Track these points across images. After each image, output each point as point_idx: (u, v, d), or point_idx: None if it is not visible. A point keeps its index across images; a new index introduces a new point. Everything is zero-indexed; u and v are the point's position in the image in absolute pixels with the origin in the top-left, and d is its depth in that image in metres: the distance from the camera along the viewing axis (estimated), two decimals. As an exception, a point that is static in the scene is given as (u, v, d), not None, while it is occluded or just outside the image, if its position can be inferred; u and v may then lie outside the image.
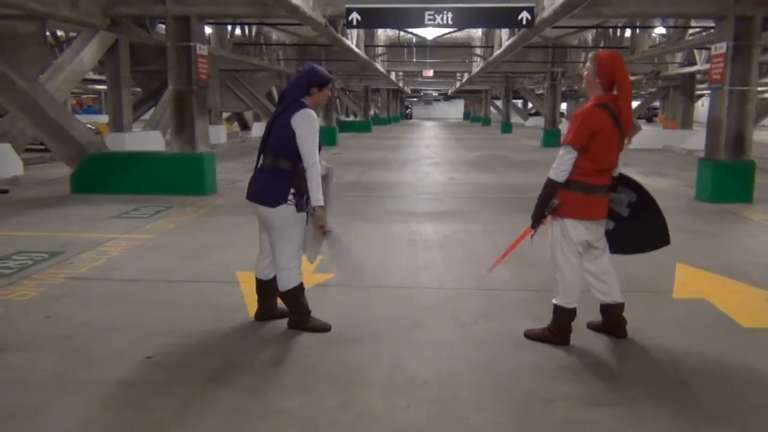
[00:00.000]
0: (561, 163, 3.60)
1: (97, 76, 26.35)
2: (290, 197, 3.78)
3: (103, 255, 6.00)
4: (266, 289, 4.18)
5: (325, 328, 4.05)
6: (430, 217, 8.26)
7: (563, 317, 3.82)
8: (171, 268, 5.60)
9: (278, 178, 3.80)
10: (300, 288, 4.03)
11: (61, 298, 4.69)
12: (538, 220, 3.74)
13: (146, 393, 3.19)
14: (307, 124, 3.73)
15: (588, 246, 3.76)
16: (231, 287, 4.98)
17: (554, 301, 3.85)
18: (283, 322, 4.14)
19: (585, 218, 3.67)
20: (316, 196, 3.74)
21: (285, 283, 3.97)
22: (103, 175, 10.09)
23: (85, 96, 48.13)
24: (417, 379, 3.37)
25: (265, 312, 4.23)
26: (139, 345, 3.78)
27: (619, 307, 3.90)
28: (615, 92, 3.62)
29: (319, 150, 3.81)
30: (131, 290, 4.94)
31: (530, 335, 3.94)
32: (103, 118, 24.64)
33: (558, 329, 3.84)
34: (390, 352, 3.74)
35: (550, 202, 3.68)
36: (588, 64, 3.69)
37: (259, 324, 4.18)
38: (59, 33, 18.03)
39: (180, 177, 9.97)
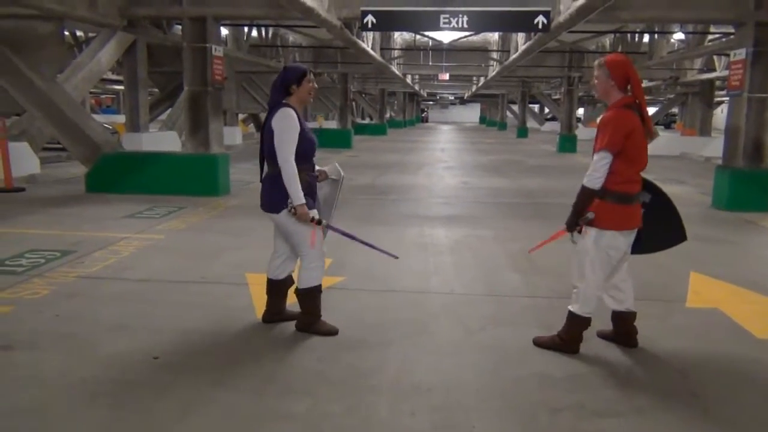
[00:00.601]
0: (596, 170, 3.51)
1: (115, 77, 26.57)
2: (289, 201, 3.78)
3: (114, 254, 6.03)
4: (276, 289, 4.18)
5: (332, 332, 4.03)
6: (442, 222, 8.23)
7: (578, 326, 3.77)
8: (181, 268, 5.61)
9: (275, 183, 3.81)
10: (317, 289, 4.04)
11: (72, 297, 4.71)
12: (572, 228, 3.67)
13: (151, 394, 3.19)
14: (279, 121, 3.75)
15: (623, 255, 3.70)
16: (240, 289, 4.98)
17: (571, 308, 3.78)
18: (291, 325, 4.13)
19: (624, 229, 3.61)
20: (294, 195, 3.74)
21: (304, 282, 3.99)
22: (117, 175, 10.16)
23: (104, 96, 48.57)
24: (423, 385, 3.34)
25: (273, 314, 4.21)
26: (147, 345, 3.79)
27: (631, 316, 3.86)
28: (629, 93, 3.59)
29: (314, 148, 3.91)
30: (141, 290, 4.95)
31: (539, 343, 3.89)
32: (122, 118, 24.83)
33: (570, 337, 3.79)
34: (398, 357, 3.72)
35: (584, 212, 3.58)
36: (596, 72, 3.65)
37: (267, 326, 4.17)
38: (79, 33, 18.23)
39: (193, 177, 10.01)
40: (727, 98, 10.14)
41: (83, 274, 5.34)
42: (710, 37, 16.02)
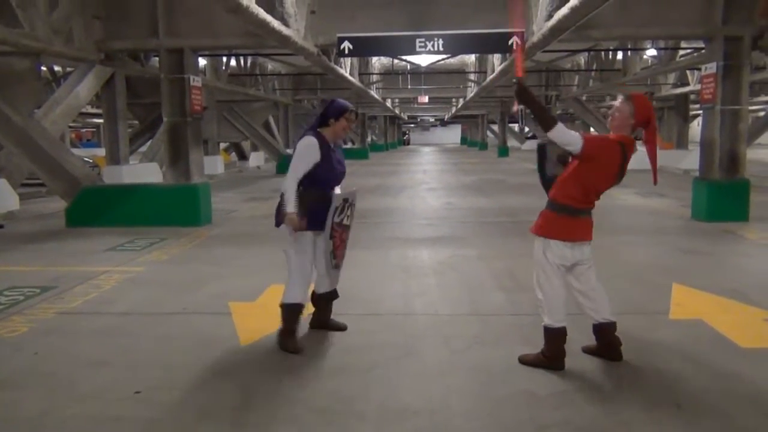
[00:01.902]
0: (567, 133, 3.54)
1: (94, 110, 26.51)
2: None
3: (95, 289, 5.96)
4: (314, 301, 4.52)
5: (294, 351, 4.14)
6: (425, 243, 8.23)
7: (554, 338, 3.77)
8: (163, 300, 5.56)
9: (281, 201, 4.12)
10: (292, 307, 4.21)
11: (51, 334, 4.64)
12: (517, 95, 3.66)
13: (133, 430, 3.13)
14: (299, 146, 4.10)
15: (572, 265, 3.78)
16: (223, 318, 4.93)
17: (543, 323, 3.82)
18: (275, 352, 4.10)
19: (569, 240, 3.71)
20: (287, 202, 4.02)
21: (283, 296, 4.24)
22: (97, 209, 10.08)
23: (84, 129, 48.39)
24: (409, 408, 3.31)
25: (320, 322, 4.57)
26: (128, 380, 3.73)
27: (611, 326, 3.88)
28: (644, 132, 3.71)
29: (337, 178, 4.24)
30: (122, 324, 4.89)
31: (525, 361, 3.89)
32: (102, 151, 24.72)
33: (552, 353, 3.79)
34: (382, 381, 3.69)
35: (528, 104, 3.61)
36: (620, 103, 3.66)
37: (250, 355, 4.13)
38: (56, 68, 18.20)
39: (175, 208, 9.96)
40: (702, 111, 10.31)
41: (63, 309, 5.26)
42: (682, 52, 16.33)
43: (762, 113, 23.57)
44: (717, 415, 3.20)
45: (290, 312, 4.21)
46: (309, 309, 4.48)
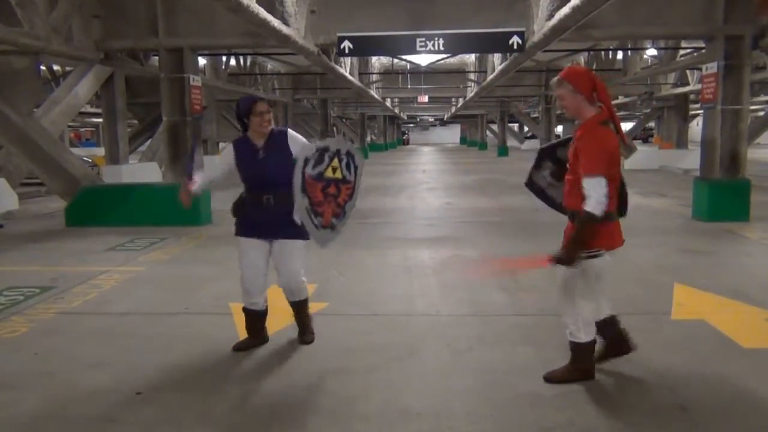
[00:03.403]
0: (603, 195, 3.20)
1: (94, 109, 26.47)
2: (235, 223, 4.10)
3: (95, 289, 5.93)
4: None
5: (237, 348, 4.17)
6: (425, 243, 8.21)
7: (588, 352, 3.53)
8: (164, 300, 5.54)
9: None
10: (246, 311, 4.20)
11: (51, 334, 4.62)
12: (572, 262, 3.30)
13: (135, 431, 3.11)
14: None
15: None
16: (224, 319, 4.91)
17: (574, 340, 3.51)
18: (276, 355, 4.09)
19: (613, 247, 3.40)
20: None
21: None
22: (97, 208, 10.05)
23: (83, 129, 48.32)
24: (412, 410, 3.29)
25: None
26: (129, 380, 3.71)
27: (615, 319, 3.66)
28: (599, 104, 3.33)
29: (256, 178, 3.96)
30: (122, 324, 4.87)
31: (553, 378, 3.58)
32: (101, 151, 24.68)
33: (586, 364, 3.56)
34: (384, 382, 3.67)
35: (587, 242, 3.28)
36: (558, 90, 3.37)
37: (252, 357, 4.11)
38: (56, 67, 18.16)
39: (174, 208, 9.71)
40: (702, 111, 10.30)
41: (63, 309, 5.24)
42: (682, 51, 16.32)
43: (762, 113, 23.57)
44: (721, 416, 3.18)
45: (245, 316, 4.24)
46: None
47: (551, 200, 3.94)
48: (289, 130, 4.09)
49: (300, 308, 4.29)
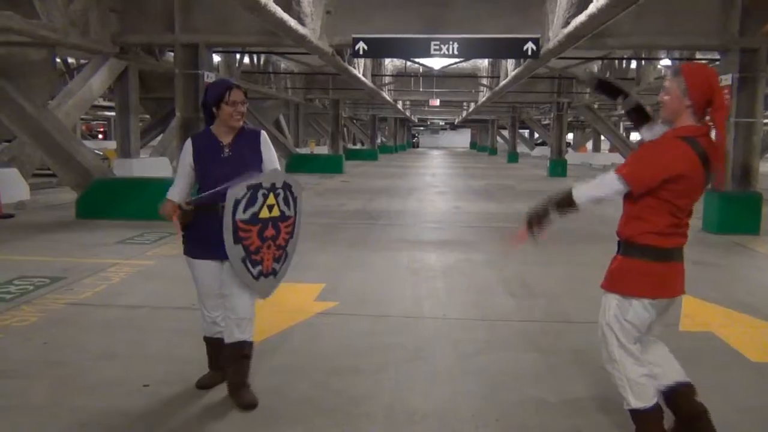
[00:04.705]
0: (595, 188, 2.71)
1: (106, 103, 26.61)
2: (183, 239, 3.43)
3: (104, 281, 5.97)
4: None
5: (201, 386, 3.52)
6: (434, 246, 8.22)
7: (650, 421, 2.77)
8: (172, 294, 5.56)
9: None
10: (209, 341, 3.55)
11: (61, 324, 4.65)
12: (539, 221, 2.80)
13: (142, 423, 3.13)
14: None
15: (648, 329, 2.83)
16: (232, 315, 4.92)
17: (626, 407, 2.81)
18: (282, 352, 4.09)
19: (660, 296, 2.73)
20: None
21: None
22: (107, 201, 10.11)
23: (94, 122, 48.59)
24: (418, 411, 3.30)
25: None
26: (137, 373, 3.73)
27: (687, 388, 2.87)
28: (708, 119, 2.64)
29: (218, 183, 3.09)
30: (131, 317, 4.90)
31: None
32: (113, 144, 24.84)
33: None
34: (391, 383, 3.68)
35: (553, 213, 2.77)
36: (668, 82, 2.65)
37: (258, 352, 4.12)
38: (70, 60, 18.28)
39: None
40: (715, 123, 10.26)
41: (73, 300, 5.28)
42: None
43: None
44: (727, 429, 3.17)
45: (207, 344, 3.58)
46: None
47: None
48: (263, 134, 3.41)
49: (245, 352, 3.36)
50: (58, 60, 16.00)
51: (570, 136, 41.94)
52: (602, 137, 35.46)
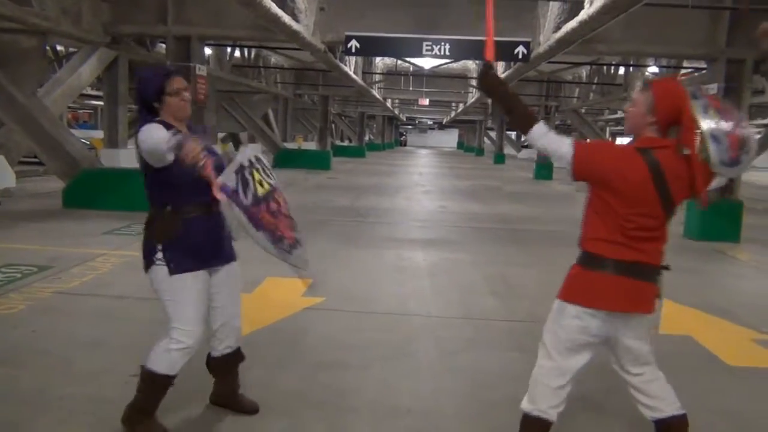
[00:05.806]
0: (553, 141, 2.56)
1: (93, 92, 26.42)
2: (158, 255, 2.96)
3: (92, 270, 5.99)
4: (214, 365, 3.33)
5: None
6: (420, 245, 8.30)
7: (527, 427, 2.81)
8: (160, 286, 5.58)
9: (145, 231, 3.04)
10: (155, 378, 3.05)
11: (48, 313, 4.67)
12: (485, 78, 2.66)
13: (129, 411, 3.17)
14: (141, 134, 2.78)
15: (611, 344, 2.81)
16: (219, 308, 4.96)
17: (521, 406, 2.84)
18: (271, 345, 4.14)
19: (592, 306, 2.61)
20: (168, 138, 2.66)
21: (149, 358, 3.09)
22: (95, 191, 10.09)
23: (81, 111, 48.16)
24: (402, 407, 3.37)
25: (223, 397, 3.32)
26: (124, 362, 3.76)
27: (681, 420, 2.86)
28: (675, 136, 2.52)
29: (187, 176, 2.75)
30: (119, 306, 4.93)
31: None
32: (99, 133, 24.67)
33: None
34: (377, 378, 3.75)
35: (499, 98, 2.64)
36: (637, 95, 2.59)
37: (245, 347, 4.15)
38: (59, 48, 18.13)
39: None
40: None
41: (60, 289, 5.29)
42: (683, 71, 16.46)
43: (758, 136, 23.75)
44: (701, 430, 3.27)
45: (151, 383, 3.00)
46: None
47: None
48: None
49: (239, 360, 3.28)
50: (47, 48, 15.89)
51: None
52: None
